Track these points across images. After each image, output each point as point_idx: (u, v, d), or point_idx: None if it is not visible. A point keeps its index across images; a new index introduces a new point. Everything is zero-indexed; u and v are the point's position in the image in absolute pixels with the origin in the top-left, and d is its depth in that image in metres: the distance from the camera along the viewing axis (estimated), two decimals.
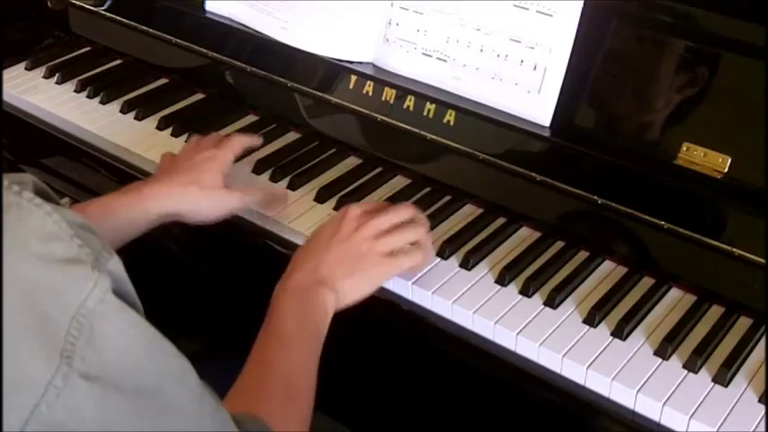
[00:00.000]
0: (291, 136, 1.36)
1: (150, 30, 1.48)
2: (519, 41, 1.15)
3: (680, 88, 1.08)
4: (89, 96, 1.45)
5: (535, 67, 1.14)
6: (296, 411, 0.89)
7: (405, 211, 1.07)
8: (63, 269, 0.60)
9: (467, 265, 1.08)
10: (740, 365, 0.95)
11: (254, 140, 1.27)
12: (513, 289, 1.05)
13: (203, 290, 1.32)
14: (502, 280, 1.06)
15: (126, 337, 0.62)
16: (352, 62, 1.29)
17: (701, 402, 0.91)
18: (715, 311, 1.02)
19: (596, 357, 0.96)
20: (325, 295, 0.98)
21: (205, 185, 1.12)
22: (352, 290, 1.00)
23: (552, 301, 1.03)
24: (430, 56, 1.23)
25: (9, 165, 1.46)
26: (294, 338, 0.94)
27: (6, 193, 0.60)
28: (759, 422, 0.89)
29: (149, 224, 1.09)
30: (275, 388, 0.89)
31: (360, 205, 1.06)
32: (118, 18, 1.52)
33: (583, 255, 1.11)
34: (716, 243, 1.00)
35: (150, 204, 1.09)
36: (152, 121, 1.39)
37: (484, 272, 1.08)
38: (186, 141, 1.33)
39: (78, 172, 1.42)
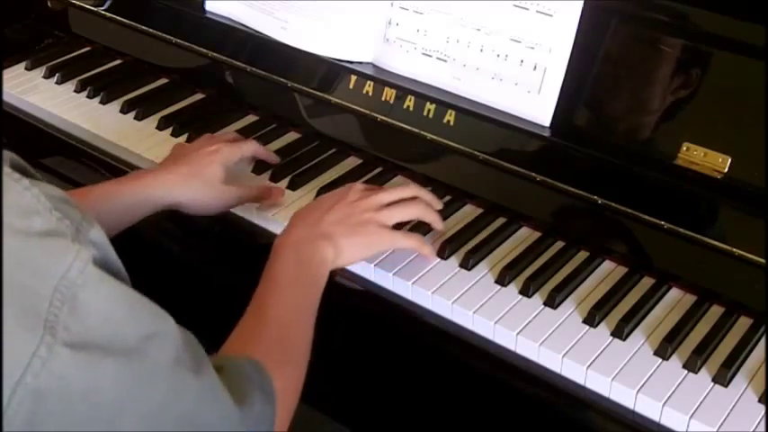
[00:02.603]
0: (291, 136, 1.36)
1: (150, 30, 1.48)
2: (519, 41, 1.15)
3: (680, 88, 1.08)
4: (89, 96, 1.45)
5: (535, 67, 1.14)
6: (293, 357, 0.91)
7: (407, 190, 1.10)
8: (43, 242, 0.61)
9: (467, 265, 1.08)
10: (740, 365, 0.95)
11: (271, 157, 1.26)
12: (513, 289, 1.05)
13: (203, 289, 1.32)
14: (502, 280, 1.06)
15: (108, 305, 0.64)
16: (352, 62, 1.29)
17: (701, 402, 0.91)
18: (715, 311, 1.02)
19: (596, 357, 0.96)
20: (324, 247, 1.00)
21: (206, 178, 1.14)
22: (350, 250, 1.02)
23: (552, 301, 1.03)
24: (430, 56, 1.23)
25: None
26: (291, 287, 0.96)
27: None
28: (759, 422, 0.89)
29: (150, 210, 1.11)
30: (272, 335, 0.91)
31: (362, 184, 1.10)
32: (118, 18, 1.52)
33: (583, 255, 1.11)
34: (716, 243, 1.01)
35: (152, 191, 1.11)
36: (152, 121, 1.39)
37: (484, 272, 1.08)
38: (186, 141, 1.33)
39: (78, 172, 1.42)
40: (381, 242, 1.05)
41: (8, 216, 0.61)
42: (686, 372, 0.94)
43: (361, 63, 1.29)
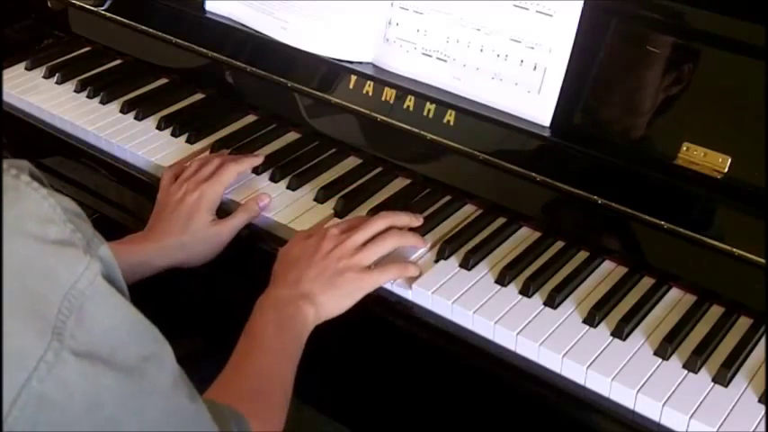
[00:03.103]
0: (291, 136, 1.36)
1: (150, 30, 1.48)
2: (519, 41, 1.15)
3: (680, 88, 1.08)
4: (89, 96, 1.45)
5: (535, 67, 1.14)
6: (270, 411, 0.94)
7: (379, 222, 1.10)
8: (56, 250, 0.62)
9: (467, 265, 1.08)
10: (740, 365, 0.95)
11: (254, 161, 1.26)
12: (513, 289, 1.05)
13: (203, 290, 1.32)
14: (502, 280, 1.06)
15: (113, 319, 0.65)
16: (352, 62, 1.29)
17: (701, 402, 0.91)
18: (715, 311, 1.02)
19: (596, 357, 0.96)
20: (304, 307, 1.02)
21: (197, 233, 1.15)
22: (332, 304, 1.04)
23: (552, 301, 1.03)
24: (430, 56, 1.23)
25: None
26: (272, 346, 0.99)
27: (5, 176, 0.63)
28: (759, 422, 0.89)
29: (147, 275, 1.13)
30: (251, 388, 0.94)
31: (337, 225, 1.11)
32: (118, 18, 1.52)
33: (583, 255, 1.11)
34: (716, 243, 1.00)
35: (150, 260, 1.13)
36: (152, 121, 1.39)
37: (484, 272, 1.08)
38: (186, 142, 1.33)
39: (78, 172, 1.42)
40: (362, 287, 1.06)
41: (26, 222, 0.62)
42: (686, 372, 0.94)
43: (361, 63, 1.29)
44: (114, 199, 1.40)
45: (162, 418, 0.69)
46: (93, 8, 1.55)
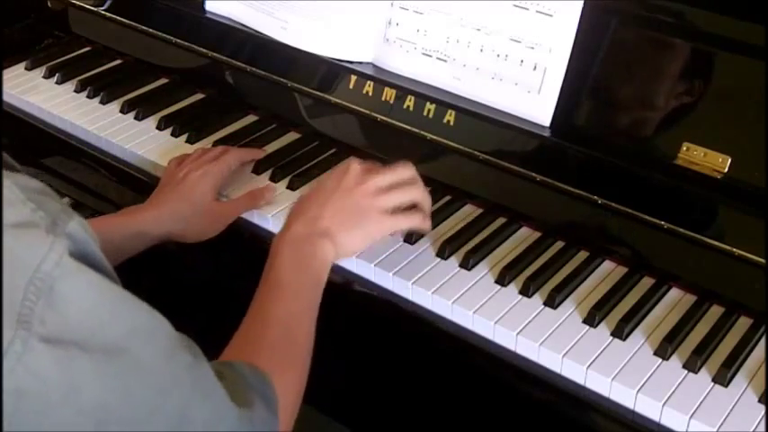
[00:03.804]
0: (291, 136, 1.36)
1: (150, 30, 1.48)
2: (519, 41, 1.15)
3: (680, 88, 1.07)
4: (89, 96, 1.45)
5: (535, 67, 1.14)
6: (295, 359, 0.91)
7: (405, 171, 1.07)
8: (15, 234, 0.60)
9: (467, 265, 1.08)
10: (740, 365, 0.95)
11: (256, 154, 1.27)
12: (513, 289, 1.05)
13: (203, 290, 1.32)
14: (502, 280, 1.06)
15: (87, 297, 0.63)
16: (352, 62, 1.29)
17: (701, 402, 0.91)
18: (715, 311, 1.02)
19: (596, 357, 0.96)
20: (323, 245, 0.99)
21: (197, 206, 1.14)
22: (351, 242, 1.01)
23: (552, 301, 1.03)
24: (430, 56, 1.23)
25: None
26: (292, 288, 0.95)
27: None
28: (759, 422, 0.89)
29: (142, 246, 1.12)
30: (274, 337, 0.91)
31: (361, 162, 1.07)
32: (118, 18, 1.52)
33: (583, 255, 1.11)
34: (716, 243, 1.00)
35: (143, 227, 1.11)
36: (152, 121, 1.39)
37: (484, 272, 1.08)
38: (186, 141, 1.33)
39: (78, 172, 1.42)
40: (382, 229, 1.03)
41: None
42: (686, 372, 0.94)
43: (361, 63, 1.29)
44: (114, 199, 1.40)
45: (156, 396, 0.67)
46: (93, 8, 1.55)
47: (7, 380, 0.58)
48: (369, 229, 1.02)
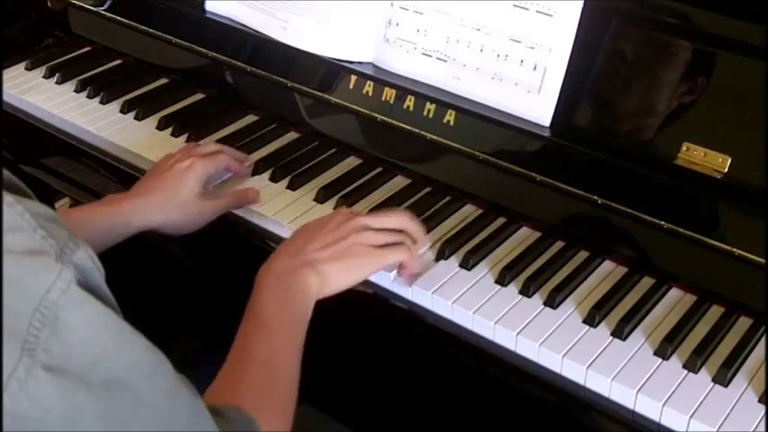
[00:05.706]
0: (291, 136, 1.36)
1: (150, 30, 1.48)
2: (519, 41, 1.15)
3: (680, 88, 1.07)
4: (89, 96, 1.45)
5: (535, 67, 1.14)
6: (278, 402, 0.89)
7: (395, 219, 1.05)
8: (25, 260, 0.60)
9: (467, 265, 1.08)
10: (740, 365, 0.95)
11: (242, 170, 1.24)
12: (513, 289, 1.05)
13: (203, 290, 1.32)
14: (502, 280, 1.06)
15: (92, 328, 0.62)
16: (352, 62, 1.29)
17: (701, 402, 0.91)
18: (715, 311, 1.02)
19: (596, 357, 0.96)
20: (308, 276, 0.96)
21: (181, 197, 1.13)
22: (337, 276, 0.99)
23: (552, 301, 1.03)
24: (430, 56, 1.23)
25: (9, 165, 1.46)
26: (274, 324, 0.93)
27: None
28: (759, 422, 0.89)
29: (125, 235, 1.11)
30: (256, 375, 0.89)
31: (349, 209, 1.07)
32: (118, 18, 1.52)
33: (583, 255, 1.11)
34: (716, 243, 1.00)
35: (127, 216, 1.10)
36: (152, 121, 1.39)
37: (484, 272, 1.08)
38: (186, 141, 1.33)
39: (78, 172, 1.42)
40: (369, 265, 1.01)
41: None
42: (686, 372, 0.94)
43: (361, 63, 1.29)
44: None
45: (154, 430, 0.66)
46: (93, 8, 1.55)
47: (8, 406, 0.58)
48: (355, 263, 1.00)
